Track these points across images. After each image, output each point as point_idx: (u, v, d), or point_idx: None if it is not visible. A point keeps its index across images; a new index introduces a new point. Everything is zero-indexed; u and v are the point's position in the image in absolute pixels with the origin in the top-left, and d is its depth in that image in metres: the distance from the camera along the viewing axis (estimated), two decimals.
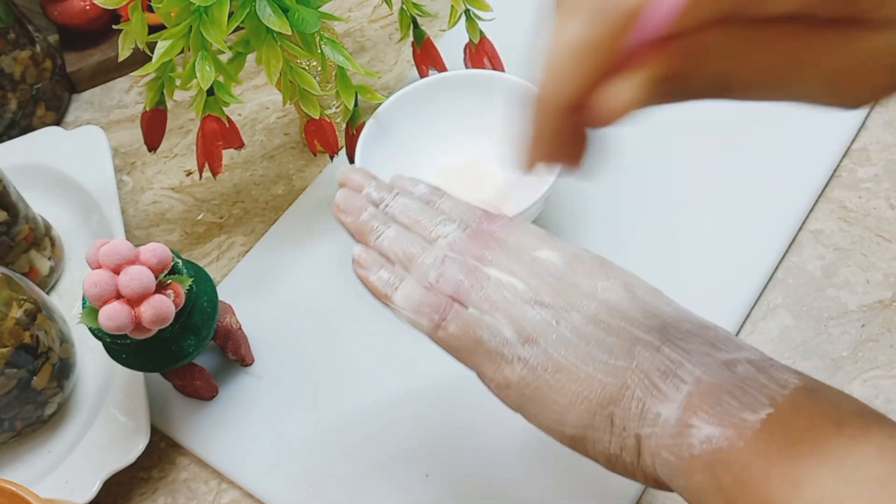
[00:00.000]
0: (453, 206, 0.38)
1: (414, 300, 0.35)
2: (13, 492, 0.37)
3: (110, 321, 0.41)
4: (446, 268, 0.35)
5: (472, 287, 0.34)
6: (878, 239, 0.51)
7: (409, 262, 0.36)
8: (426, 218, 0.37)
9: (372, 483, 0.47)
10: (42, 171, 0.63)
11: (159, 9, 0.48)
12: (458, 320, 0.34)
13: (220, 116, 0.50)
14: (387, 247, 0.36)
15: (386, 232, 0.37)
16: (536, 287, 0.34)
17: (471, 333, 0.33)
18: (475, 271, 0.35)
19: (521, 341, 0.33)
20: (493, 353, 0.33)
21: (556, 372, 0.32)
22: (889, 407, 0.45)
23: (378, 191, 0.38)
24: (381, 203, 0.38)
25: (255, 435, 0.50)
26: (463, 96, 0.56)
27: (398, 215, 0.37)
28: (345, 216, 0.38)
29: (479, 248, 0.35)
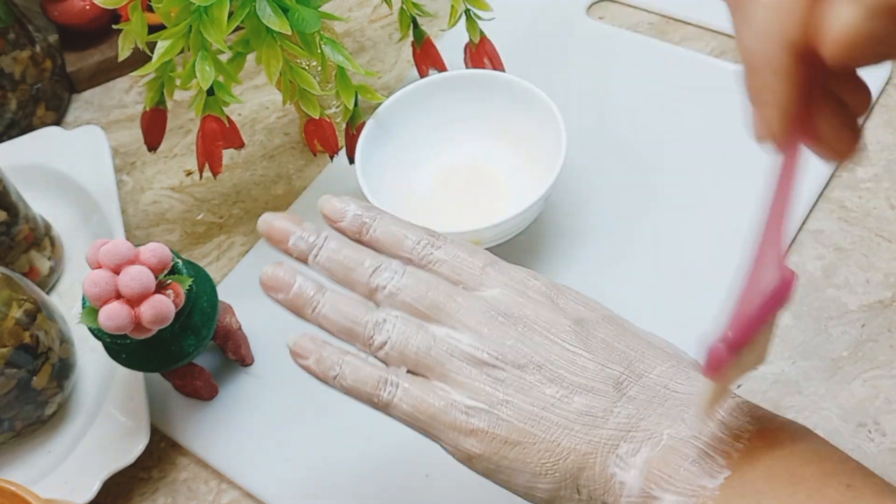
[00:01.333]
0: (387, 233, 0.36)
1: (358, 379, 0.33)
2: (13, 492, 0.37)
3: (110, 321, 0.41)
4: (389, 334, 0.33)
5: (419, 352, 0.33)
6: (878, 239, 0.51)
7: (350, 334, 0.34)
8: (360, 266, 0.35)
9: (372, 483, 0.47)
10: (42, 171, 0.63)
11: (159, 9, 0.48)
12: (409, 397, 0.33)
13: (220, 116, 0.50)
14: (324, 320, 0.35)
15: (321, 300, 0.35)
16: (486, 341, 0.32)
17: (424, 407, 0.32)
18: (420, 331, 0.33)
19: (477, 412, 0.32)
20: (450, 426, 0.32)
21: (515, 446, 0.31)
22: (889, 407, 0.45)
23: (305, 238, 0.36)
24: (311, 253, 0.36)
25: (255, 435, 0.50)
26: (463, 96, 0.56)
27: (328, 269, 0.35)
28: (275, 294, 0.35)
29: (421, 299, 0.34)
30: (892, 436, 0.44)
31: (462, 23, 0.57)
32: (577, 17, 0.67)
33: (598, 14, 0.67)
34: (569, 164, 0.50)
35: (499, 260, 0.36)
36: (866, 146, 0.26)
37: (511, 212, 0.48)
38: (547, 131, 0.51)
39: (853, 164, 0.55)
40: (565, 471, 0.31)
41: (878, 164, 0.54)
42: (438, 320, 0.33)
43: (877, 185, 0.54)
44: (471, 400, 0.32)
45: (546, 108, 0.52)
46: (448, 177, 0.56)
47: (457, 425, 0.32)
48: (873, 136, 0.56)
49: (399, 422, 0.34)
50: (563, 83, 0.59)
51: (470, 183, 0.56)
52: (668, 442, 0.30)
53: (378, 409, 0.34)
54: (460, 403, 0.32)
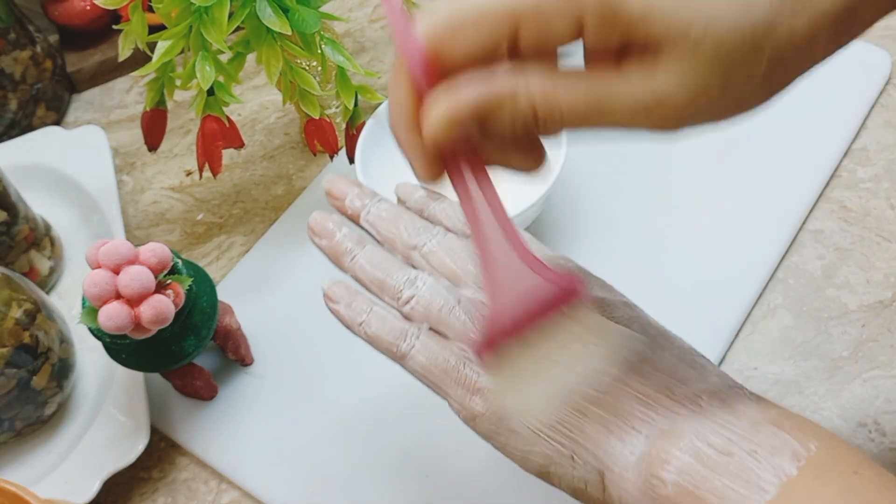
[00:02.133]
0: (443, 211, 0.38)
1: (383, 330, 0.35)
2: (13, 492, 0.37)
3: (110, 321, 0.41)
4: (418, 290, 0.35)
5: (442, 311, 0.34)
6: (878, 239, 0.51)
7: (381, 287, 0.36)
8: (403, 227, 0.36)
9: (372, 483, 0.47)
10: (42, 171, 0.63)
11: (159, 9, 0.48)
12: (426, 350, 0.34)
13: (220, 116, 0.50)
14: (359, 270, 0.36)
15: (360, 253, 0.36)
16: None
17: (438, 362, 0.33)
18: (447, 292, 0.34)
19: (488, 370, 0.32)
20: (460, 383, 0.33)
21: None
22: (889, 407, 0.45)
23: (361, 198, 0.38)
24: (363, 213, 0.38)
25: (255, 435, 0.50)
26: None
27: (375, 225, 0.37)
28: (318, 239, 0.38)
29: (453, 261, 0.35)
30: (891, 436, 0.44)
31: None
32: None
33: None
34: (569, 164, 0.50)
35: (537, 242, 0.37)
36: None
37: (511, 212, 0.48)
38: None
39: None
40: (562, 437, 0.31)
41: (878, 164, 0.54)
42: (466, 284, 0.34)
43: (877, 185, 0.54)
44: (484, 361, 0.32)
45: None
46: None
47: (466, 382, 0.33)
48: (873, 137, 0.56)
49: (413, 375, 0.34)
50: None
51: None
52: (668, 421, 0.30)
53: (395, 359, 0.35)
54: (473, 362, 0.33)
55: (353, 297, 0.36)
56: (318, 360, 0.52)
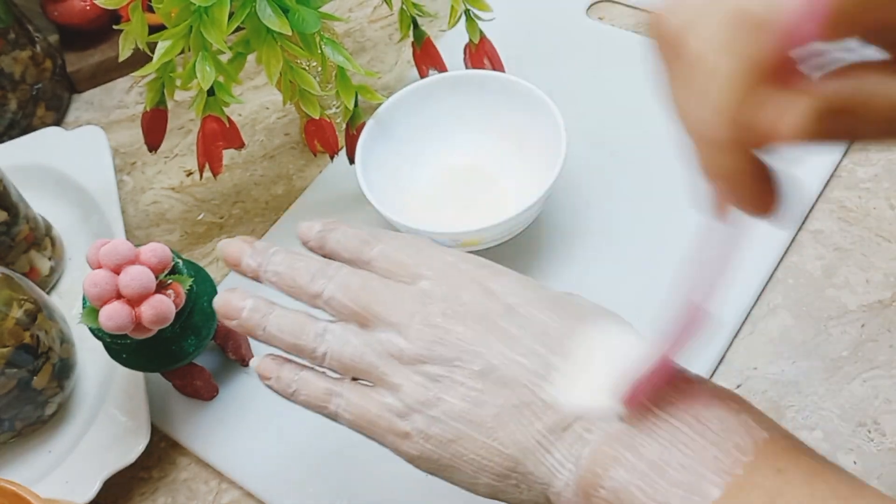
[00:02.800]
0: (338, 242, 0.37)
1: (311, 395, 0.35)
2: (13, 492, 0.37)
3: (110, 321, 0.41)
4: (329, 344, 0.34)
5: (353, 359, 0.34)
6: (878, 239, 0.51)
7: (297, 349, 0.35)
8: (300, 276, 0.36)
9: (372, 483, 0.47)
10: (42, 171, 0.63)
11: (159, 9, 0.48)
12: (350, 406, 0.33)
13: (220, 116, 0.50)
14: (273, 339, 0.35)
15: (269, 320, 0.35)
16: (417, 339, 0.32)
17: (363, 415, 0.33)
18: (356, 336, 0.34)
19: (410, 412, 0.32)
20: (388, 431, 0.33)
21: (452, 444, 0.32)
22: (889, 407, 0.45)
23: (254, 257, 0.37)
24: (261, 269, 0.37)
25: (255, 435, 0.50)
26: (463, 96, 0.56)
27: (275, 281, 0.36)
28: (229, 321, 0.37)
29: (354, 301, 0.34)
30: (891, 436, 0.44)
31: (462, 23, 0.57)
32: (577, 17, 0.67)
33: (598, 14, 0.67)
34: (569, 164, 0.50)
35: (432, 244, 0.36)
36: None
37: (511, 212, 0.48)
38: (547, 131, 0.51)
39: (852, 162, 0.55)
40: (501, 466, 0.31)
41: (878, 164, 0.54)
42: (374, 322, 0.34)
43: (877, 185, 0.54)
44: (404, 402, 0.32)
45: (546, 108, 0.52)
46: (448, 177, 0.56)
47: (393, 429, 0.33)
48: None
49: (349, 429, 0.35)
50: (563, 83, 0.59)
51: (470, 183, 0.56)
52: (598, 441, 0.30)
53: (331, 419, 0.35)
54: (394, 406, 0.32)
55: (280, 367, 0.36)
56: None
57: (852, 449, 0.44)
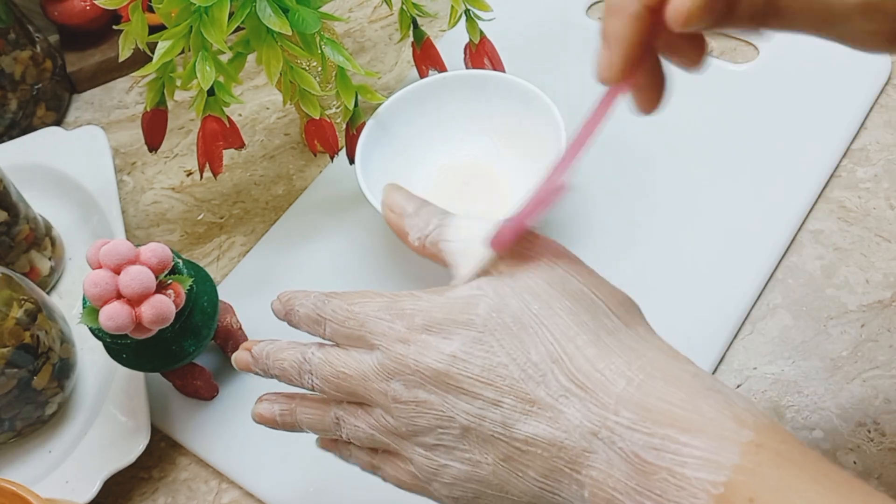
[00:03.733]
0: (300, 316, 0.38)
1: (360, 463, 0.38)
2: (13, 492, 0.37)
3: (111, 321, 0.41)
4: (344, 430, 0.36)
5: (371, 442, 0.36)
6: (878, 239, 0.51)
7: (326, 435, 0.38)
8: (293, 373, 0.37)
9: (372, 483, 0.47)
10: (42, 171, 0.63)
11: (159, 9, 0.48)
12: (389, 477, 0.36)
13: (220, 116, 0.50)
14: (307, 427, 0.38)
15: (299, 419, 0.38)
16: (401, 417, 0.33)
17: (401, 484, 0.36)
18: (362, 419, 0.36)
19: (430, 481, 0.34)
20: (424, 493, 0.35)
21: (478, 499, 0.33)
22: (889, 407, 0.45)
23: (257, 365, 0.39)
24: (267, 373, 0.39)
25: (255, 435, 0.50)
26: (463, 96, 0.56)
27: (282, 379, 0.38)
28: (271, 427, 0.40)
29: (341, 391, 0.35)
30: (891, 436, 0.44)
31: (462, 23, 0.57)
32: (577, 17, 0.67)
33: (598, 14, 0.67)
34: None
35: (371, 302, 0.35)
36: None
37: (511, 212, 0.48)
38: (547, 131, 0.51)
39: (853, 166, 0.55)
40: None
41: (878, 164, 0.54)
42: (365, 402, 0.35)
43: (876, 185, 0.54)
44: (419, 472, 0.34)
45: (546, 108, 0.52)
46: (448, 177, 0.56)
47: (428, 492, 0.35)
48: (873, 137, 0.56)
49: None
50: (563, 83, 0.59)
51: (470, 183, 0.56)
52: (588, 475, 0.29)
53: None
54: (417, 475, 0.34)
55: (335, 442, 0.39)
56: None
57: (852, 449, 0.44)
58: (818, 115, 0.57)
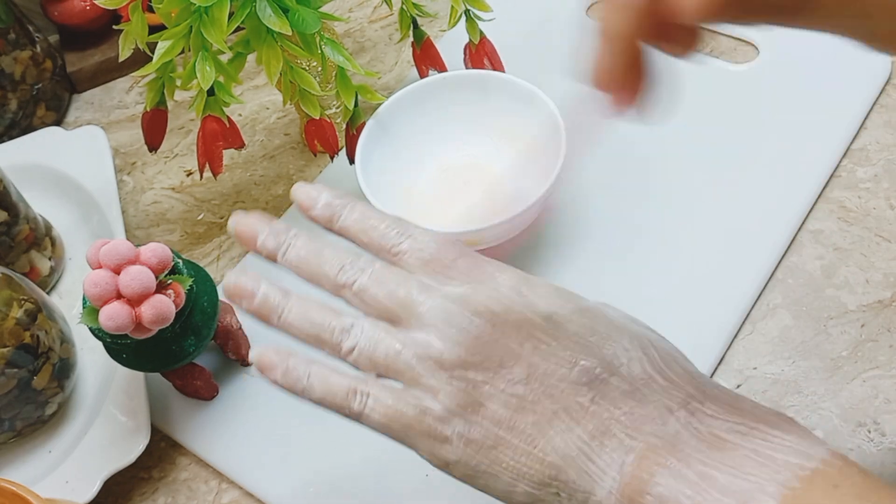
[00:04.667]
0: (356, 221, 0.35)
1: (327, 391, 0.32)
2: (13, 492, 0.37)
3: (111, 321, 0.41)
4: (357, 339, 0.32)
5: (387, 358, 0.32)
6: (878, 239, 0.51)
7: (318, 341, 0.33)
8: (327, 264, 0.34)
9: (372, 483, 0.47)
10: (42, 171, 0.63)
11: (159, 9, 0.48)
12: (380, 405, 0.32)
13: (220, 116, 0.50)
14: (290, 328, 0.33)
15: (287, 307, 0.33)
16: (455, 343, 0.31)
17: (397, 416, 0.32)
18: (388, 335, 0.32)
19: (451, 417, 0.31)
20: (425, 434, 0.31)
21: (492, 450, 0.31)
22: (889, 407, 0.45)
23: (274, 236, 0.35)
24: (279, 251, 0.34)
25: (255, 435, 0.50)
26: (463, 96, 0.56)
27: (296, 266, 0.34)
28: (240, 302, 0.34)
29: (387, 298, 0.32)
30: (891, 436, 0.44)
31: (462, 23, 0.57)
32: (577, 17, 0.67)
33: (598, 14, 0.67)
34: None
35: (469, 251, 0.34)
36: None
37: (511, 212, 0.48)
38: (547, 131, 0.51)
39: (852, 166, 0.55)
40: (542, 474, 0.30)
41: (878, 164, 0.54)
42: (406, 321, 0.32)
43: (876, 185, 0.54)
44: (443, 406, 0.31)
45: (546, 109, 0.52)
46: (448, 177, 0.56)
47: (431, 433, 0.31)
48: (873, 137, 0.56)
49: (373, 430, 0.33)
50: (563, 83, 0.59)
51: (470, 183, 0.56)
52: (642, 448, 0.29)
53: (351, 418, 0.33)
54: (433, 410, 0.31)
55: (286, 360, 0.33)
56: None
57: (852, 449, 0.44)
58: (818, 115, 0.57)
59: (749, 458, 0.28)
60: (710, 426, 0.29)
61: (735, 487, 0.27)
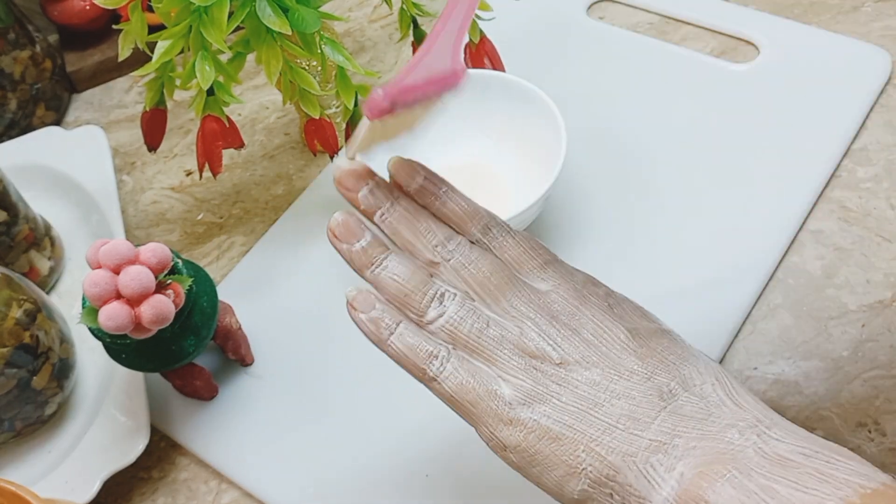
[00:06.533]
0: (456, 209, 0.36)
1: (410, 348, 0.33)
2: (13, 492, 0.37)
3: (110, 321, 0.41)
4: (445, 308, 0.33)
5: (471, 334, 0.33)
6: (878, 239, 0.51)
7: (404, 303, 0.34)
8: (428, 234, 0.35)
9: (372, 483, 0.47)
10: (42, 171, 0.63)
11: (159, 9, 0.48)
12: (455, 376, 0.32)
13: (220, 116, 0.50)
14: (382, 282, 0.34)
15: (383, 262, 0.34)
16: (538, 335, 0.32)
17: (468, 390, 0.32)
18: (475, 313, 0.33)
19: (520, 403, 0.31)
20: (491, 414, 0.32)
21: (554, 441, 0.31)
22: (889, 407, 0.45)
23: (377, 193, 0.36)
24: (379, 209, 0.35)
25: (255, 435, 0.50)
26: (463, 96, 0.56)
27: (398, 230, 0.35)
28: (339, 243, 0.35)
29: (483, 281, 0.34)
30: (892, 436, 0.44)
31: None
32: (577, 17, 0.67)
33: (598, 14, 0.67)
34: (569, 164, 0.50)
35: (560, 259, 0.35)
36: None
37: (511, 212, 0.48)
38: (547, 131, 0.51)
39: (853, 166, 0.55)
40: (600, 472, 0.30)
41: (878, 164, 0.54)
42: (496, 305, 0.33)
43: (877, 185, 0.54)
44: (516, 390, 0.32)
45: (546, 108, 0.52)
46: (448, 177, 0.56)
47: (498, 413, 0.32)
48: (873, 137, 0.56)
49: (440, 399, 0.33)
50: (563, 83, 0.59)
51: (470, 183, 0.56)
52: (704, 460, 0.29)
53: (423, 381, 0.33)
54: (504, 392, 0.32)
55: (379, 309, 0.34)
56: (318, 359, 0.52)
57: (852, 449, 0.44)
58: (818, 115, 0.57)
59: (811, 475, 0.28)
60: (775, 447, 0.29)
61: (795, 500, 0.27)
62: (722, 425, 0.30)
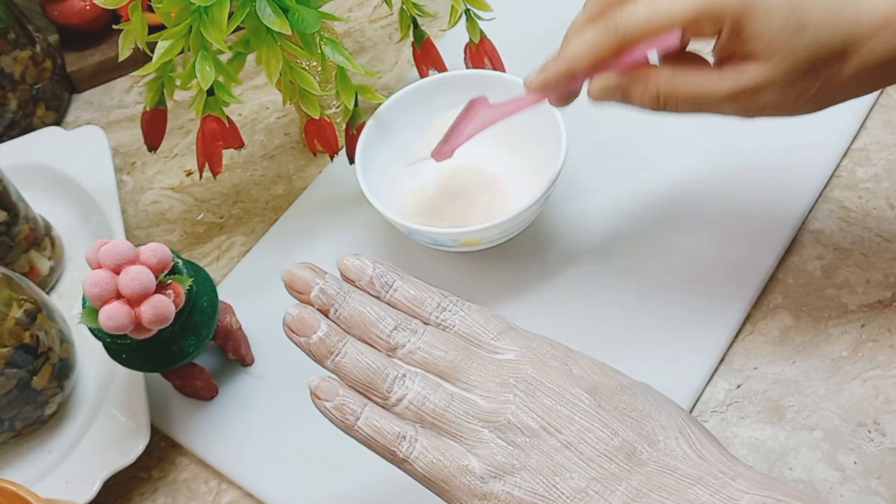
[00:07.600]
0: (406, 296, 0.36)
1: (377, 431, 0.34)
2: (13, 492, 0.37)
3: (110, 321, 0.41)
4: (408, 388, 0.34)
5: (436, 411, 0.33)
6: (878, 239, 0.51)
7: (370, 384, 0.34)
8: (381, 322, 0.35)
9: (372, 483, 0.47)
10: (42, 171, 0.63)
11: (159, 9, 0.48)
12: (425, 455, 0.33)
13: (220, 116, 0.50)
14: (344, 370, 0.35)
15: (342, 350, 0.35)
16: (501, 405, 0.33)
17: (440, 468, 0.33)
18: (439, 389, 0.34)
19: (491, 476, 0.32)
20: (464, 490, 0.32)
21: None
22: (889, 407, 0.45)
23: (327, 291, 0.36)
24: (332, 310, 0.36)
25: (255, 435, 0.50)
26: (463, 96, 0.56)
27: (351, 323, 0.36)
28: (298, 337, 0.36)
29: (441, 359, 0.34)
30: (892, 436, 0.44)
31: (462, 23, 0.57)
32: None
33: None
34: (569, 164, 0.50)
35: (515, 326, 0.36)
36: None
37: (511, 212, 0.48)
38: (547, 131, 0.51)
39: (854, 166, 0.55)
40: None
41: (878, 164, 0.54)
42: (456, 380, 0.34)
43: (877, 185, 0.54)
44: (485, 463, 0.32)
45: (546, 109, 0.52)
46: (448, 177, 0.56)
47: (471, 489, 0.32)
48: (873, 137, 0.56)
49: (413, 479, 0.34)
50: None
51: (470, 183, 0.56)
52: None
53: (394, 463, 0.34)
54: (474, 467, 0.32)
55: (343, 395, 0.35)
56: None
57: (852, 449, 0.44)
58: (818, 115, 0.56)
59: None
60: (739, 500, 0.30)
61: None
62: (688, 482, 0.31)
